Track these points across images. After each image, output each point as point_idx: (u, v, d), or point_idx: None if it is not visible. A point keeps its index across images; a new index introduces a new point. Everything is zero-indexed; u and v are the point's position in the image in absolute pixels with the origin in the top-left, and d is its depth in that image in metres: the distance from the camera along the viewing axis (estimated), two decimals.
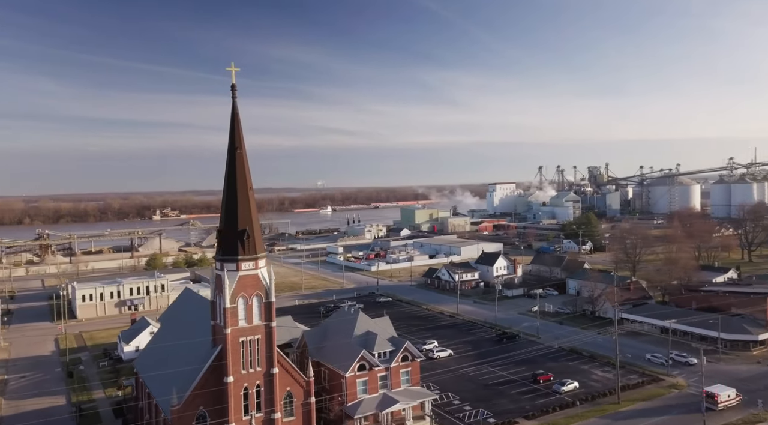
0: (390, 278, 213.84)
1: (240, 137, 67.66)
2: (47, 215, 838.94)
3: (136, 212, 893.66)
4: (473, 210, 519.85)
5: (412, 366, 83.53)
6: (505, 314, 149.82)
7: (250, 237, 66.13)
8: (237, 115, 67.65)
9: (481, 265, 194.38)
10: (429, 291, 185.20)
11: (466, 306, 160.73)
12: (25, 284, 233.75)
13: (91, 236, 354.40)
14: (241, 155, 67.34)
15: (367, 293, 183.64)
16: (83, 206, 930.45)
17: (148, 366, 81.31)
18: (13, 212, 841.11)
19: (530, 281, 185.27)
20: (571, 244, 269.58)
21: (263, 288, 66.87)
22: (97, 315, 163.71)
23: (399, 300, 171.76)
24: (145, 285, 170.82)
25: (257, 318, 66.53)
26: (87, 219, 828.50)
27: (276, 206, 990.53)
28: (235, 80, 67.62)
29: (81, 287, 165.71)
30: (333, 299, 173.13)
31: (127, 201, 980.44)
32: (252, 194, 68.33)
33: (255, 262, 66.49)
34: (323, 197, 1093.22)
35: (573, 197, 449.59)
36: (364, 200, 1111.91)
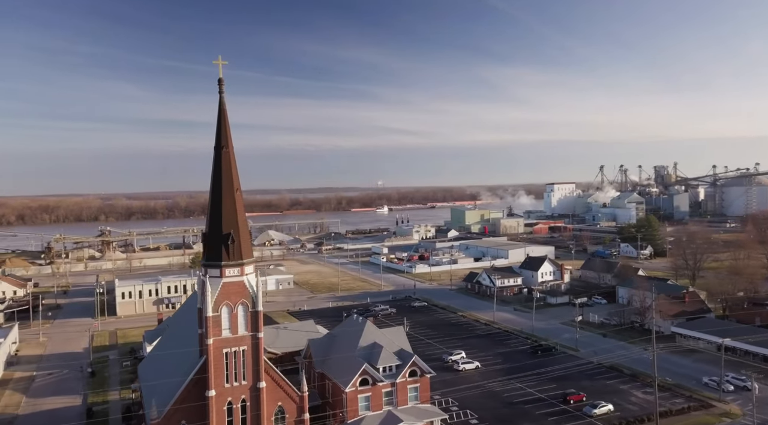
0: (430, 281, 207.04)
1: (227, 134, 63.60)
2: (120, 213, 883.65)
3: (201, 210, 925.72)
4: (529, 211, 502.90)
5: (421, 382, 77.28)
6: (546, 323, 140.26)
7: (235, 242, 61.97)
8: (224, 111, 63.63)
9: (525, 270, 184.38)
10: (468, 297, 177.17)
11: (505, 314, 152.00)
12: (82, 279, 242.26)
13: (149, 234, 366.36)
14: (228, 153, 63.30)
15: (403, 297, 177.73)
16: (153, 204, 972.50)
17: (147, 372, 79.11)
18: (90, 209, 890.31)
19: (578, 288, 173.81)
20: (630, 248, 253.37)
21: (249, 296, 62.54)
22: (136, 312, 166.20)
23: (435, 305, 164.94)
24: (182, 283, 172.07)
25: (243, 328, 62.30)
26: (156, 217, 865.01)
27: (334, 205, 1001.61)
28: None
29: (121, 285, 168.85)
30: (367, 303, 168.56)
31: (193, 199, 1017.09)
32: (239, 196, 64.14)
33: (240, 268, 62.27)
34: (380, 196, 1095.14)
35: (636, 198, 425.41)
36: (421, 199, 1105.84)
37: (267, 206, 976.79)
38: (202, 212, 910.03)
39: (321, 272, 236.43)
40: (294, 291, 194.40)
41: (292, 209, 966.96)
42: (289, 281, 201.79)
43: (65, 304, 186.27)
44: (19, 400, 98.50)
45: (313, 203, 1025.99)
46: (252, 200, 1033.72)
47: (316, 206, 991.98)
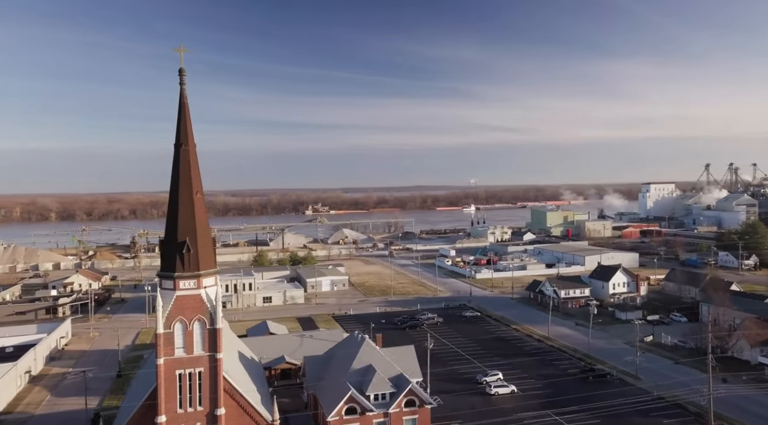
0: (492, 288, 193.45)
1: (187, 131, 57.50)
2: (218, 209, 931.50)
3: (292, 207, 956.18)
4: (621, 213, 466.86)
5: (419, 414, 67.58)
6: (608, 342, 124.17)
7: (191, 251, 55.80)
8: (185, 105, 57.61)
9: (594, 280, 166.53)
10: (528, 307, 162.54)
11: (564, 329, 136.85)
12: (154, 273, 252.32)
13: (229, 230, 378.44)
14: (187, 152, 57.20)
15: (457, 305, 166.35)
16: (247, 201, 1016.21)
17: (134, 387, 75.51)
18: None
19: (655, 302, 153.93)
20: (730, 258, 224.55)
21: (207, 312, 56.18)
22: None
23: (488, 316, 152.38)
24: (233, 283, 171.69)
25: (199, 348, 56.08)
26: (250, 213, 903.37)
27: (419, 203, 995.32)
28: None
29: None
30: (415, 309, 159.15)
31: (285, 197, 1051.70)
32: (200, 199, 57.82)
33: (197, 280, 56.05)
34: (467, 195, 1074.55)
35: (747, 200, 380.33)
36: (511, 198, 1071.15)
37: (354, 204, 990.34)
38: (292, 208, 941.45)
39: (381, 273, 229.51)
40: (347, 293, 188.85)
41: (378, 207, 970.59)
42: (344, 282, 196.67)
43: (131, 298, 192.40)
44: (43, 399, 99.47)
45: (399, 201, 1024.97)
46: (340, 198, 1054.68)
47: (401, 205, 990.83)
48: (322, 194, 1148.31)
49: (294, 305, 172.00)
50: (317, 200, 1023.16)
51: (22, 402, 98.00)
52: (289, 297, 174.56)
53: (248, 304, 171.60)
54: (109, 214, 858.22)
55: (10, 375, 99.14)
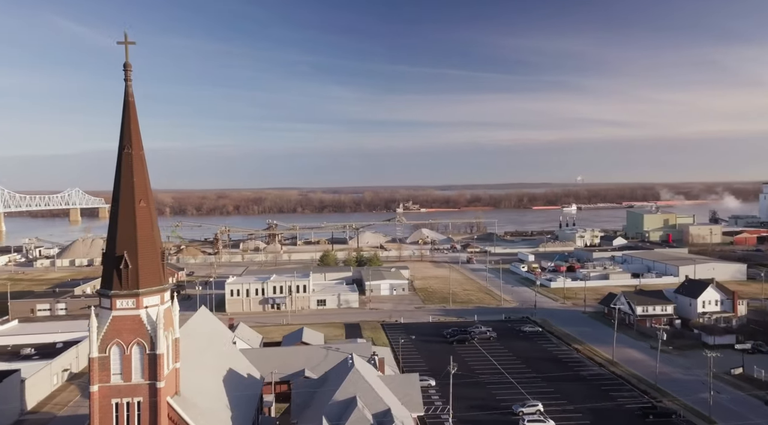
0: (564, 299, 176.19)
1: (131, 133, 51.96)
2: (314, 206, 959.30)
3: (384, 205, 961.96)
4: (737, 216, 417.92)
5: None
6: (685, 372, 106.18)
7: (130, 266, 50.28)
8: (130, 104, 52.11)
9: (681, 296, 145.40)
10: (600, 324, 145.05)
11: (634, 352, 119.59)
12: (230, 270, 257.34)
13: (311, 228, 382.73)
14: (131, 156, 51.65)
15: (519, 318, 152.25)
16: (342, 198, 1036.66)
17: None
18: (290, 202, 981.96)
19: (754, 326, 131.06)
20: None
21: (147, 335, 50.42)
22: (243, 311, 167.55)
23: (550, 332, 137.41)
24: (288, 284, 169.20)
25: (138, 375, 50.41)
26: (344, 210, 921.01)
27: (514, 202, 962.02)
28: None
29: (230, 282, 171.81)
30: (472, 321, 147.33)
31: (377, 195, 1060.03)
32: (144, 209, 52.00)
33: (137, 299, 50.37)
34: (567, 193, 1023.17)
35: None
36: (615, 197, 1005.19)
37: (445, 202, 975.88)
38: (384, 206, 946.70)
39: (448, 278, 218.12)
40: (405, 299, 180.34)
41: (471, 205, 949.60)
42: (404, 286, 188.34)
43: (197, 296, 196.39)
44: (72, 399, 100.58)
45: (493, 199, 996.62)
46: (432, 195, 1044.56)
47: (494, 203, 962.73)
48: (415, 191, 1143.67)
49: (348, 310, 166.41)
50: (409, 197, 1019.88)
51: (52, 401, 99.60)
52: (343, 301, 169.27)
53: (302, 306, 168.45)
54: (216, 209, 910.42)
55: (43, 373, 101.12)
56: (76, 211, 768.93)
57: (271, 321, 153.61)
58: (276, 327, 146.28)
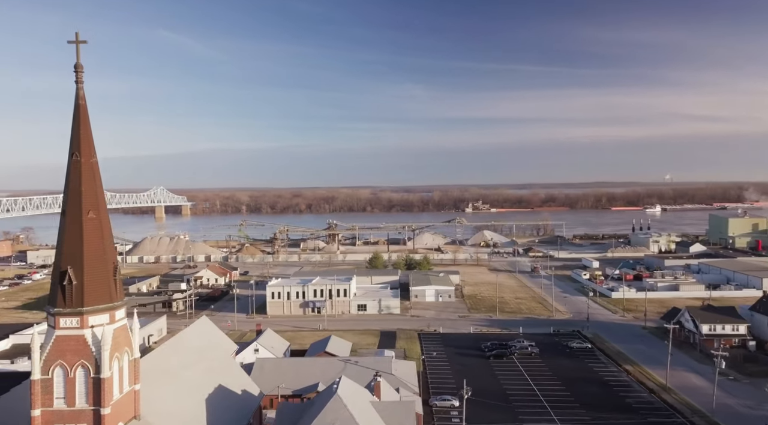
0: (624, 312, 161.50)
1: (80, 138, 48.59)
2: (383, 205, 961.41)
3: (452, 204, 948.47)
4: None
5: None
6: (754, 406, 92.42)
7: (74, 283, 47.02)
8: (81, 107, 48.85)
9: (757, 313, 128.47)
10: (659, 342, 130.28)
11: (694, 378, 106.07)
12: (285, 270, 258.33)
13: (370, 228, 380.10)
14: (79, 164, 48.35)
15: (569, 332, 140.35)
16: (410, 198, 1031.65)
17: None
18: (360, 201, 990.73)
19: None
20: None
21: (91, 357, 46.98)
22: (284, 314, 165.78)
23: (600, 349, 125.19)
24: (328, 288, 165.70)
25: (82, 400, 47.12)
26: (412, 209, 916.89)
27: (591, 202, 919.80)
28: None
29: (272, 285, 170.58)
30: (516, 333, 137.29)
31: (445, 194, 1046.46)
32: (93, 220, 48.55)
33: (81, 318, 47.08)
34: (650, 193, 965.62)
35: None
36: (705, 198, 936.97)
37: (518, 202, 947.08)
38: (453, 206, 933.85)
39: (502, 285, 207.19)
40: (450, 306, 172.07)
41: (545, 205, 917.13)
42: (450, 293, 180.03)
43: (246, 296, 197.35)
44: None
45: (568, 199, 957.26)
46: (503, 194, 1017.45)
47: (570, 203, 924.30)
48: (486, 190, 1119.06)
49: (388, 316, 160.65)
50: (479, 196, 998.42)
51: None
52: (384, 307, 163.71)
53: (342, 311, 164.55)
54: (289, 208, 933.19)
55: None
56: (161, 208, 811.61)
57: (309, 326, 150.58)
58: (311, 333, 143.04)
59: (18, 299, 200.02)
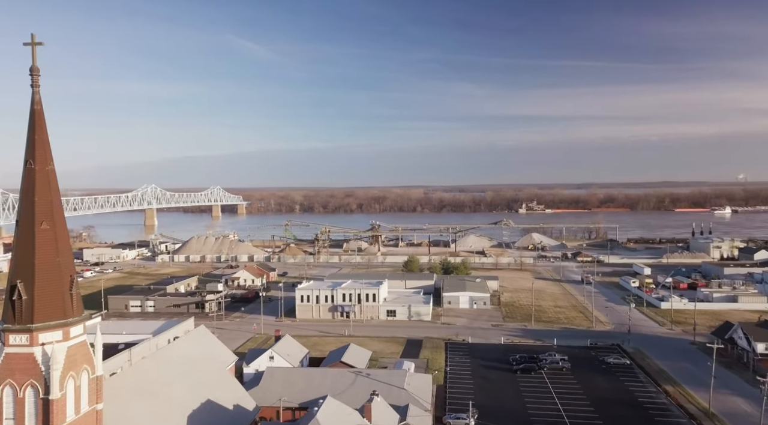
0: (672, 324, 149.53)
1: (37, 145, 46.23)
2: (434, 205, 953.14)
3: (505, 205, 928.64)
4: None
5: None
6: None
7: (23, 298, 44.74)
8: (37, 113, 46.55)
9: None
10: (707, 360, 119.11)
11: (742, 403, 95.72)
12: (324, 271, 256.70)
13: (413, 229, 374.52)
14: (33, 172, 46.05)
15: (608, 345, 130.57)
16: (461, 198, 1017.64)
17: None
18: (410, 200, 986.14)
19: None
20: None
21: (41, 377, 44.58)
22: (312, 318, 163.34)
23: (640, 366, 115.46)
24: (357, 292, 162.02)
25: (31, 421, 44.79)
26: (463, 210, 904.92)
27: (653, 203, 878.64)
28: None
29: (301, 288, 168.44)
30: (549, 345, 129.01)
31: (498, 194, 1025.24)
32: (47, 232, 46.06)
33: (30, 336, 44.74)
34: (718, 194, 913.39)
35: None
36: None
37: (574, 203, 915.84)
38: (506, 206, 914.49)
39: (544, 292, 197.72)
40: (484, 314, 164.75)
41: (603, 206, 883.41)
42: (485, 300, 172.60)
43: (279, 298, 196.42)
44: None
45: (629, 199, 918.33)
46: (559, 195, 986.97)
47: (631, 204, 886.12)
48: (541, 190, 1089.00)
49: (418, 323, 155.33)
50: (534, 197, 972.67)
51: None
52: (414, 313, 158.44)
53: (371, 316, 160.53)
54: (340, 207, 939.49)
55: None
56: (217, 207, 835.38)
57: (336, 331, 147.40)
58: (336, 339, 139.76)
59: None
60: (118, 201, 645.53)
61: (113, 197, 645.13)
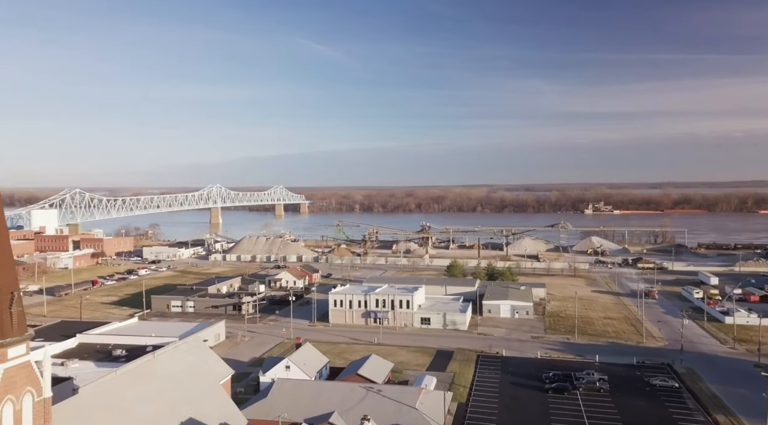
0: (736, 342, 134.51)
1: None
2: (495, 205, 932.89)
3: (571, 205, 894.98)
4: None
5: None
6: None
7: None
8: None
9: None
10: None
11: None
12: (369, 273, 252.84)
13: (465, 231, 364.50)
14: None
15: (658, 364, 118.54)
16: (525, 197, 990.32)
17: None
18: (471, 200, 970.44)
19: None
20: None
21: None
22: (345, 323, 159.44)
23: (690, 390, 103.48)
24: (390, 298, 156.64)
25: None
26: (525, 210, 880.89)
27: (734, 204, 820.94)
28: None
29: (334, 292, 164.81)
30: (590, 362, 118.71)
31: (563, 194, 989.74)
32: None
33: None
34: None
35: None
36: None
37: (645, 203, 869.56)
38: (572, 207, 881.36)
39: (594, 301, 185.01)
40: (525, 324, 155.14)
41: (678, 207, 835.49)
42: (528, 309, 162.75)
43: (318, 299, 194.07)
44: None
45: (706, 200, 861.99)
46: (629, 195, 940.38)
47: (709, 206, 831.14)
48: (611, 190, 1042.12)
49: (453, 332, 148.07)
50: (602, 197, 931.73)
51: None
52: (450, 321, 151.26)
53: (405, 323, 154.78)
54: (399, 207, 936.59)
55: None
56: (280, 206, 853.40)
57: (366, 338, 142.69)
58: (365, 347, 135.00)
59: (117, 294, 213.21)
60: (185, 200, 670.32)
61: (180, 196, 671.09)
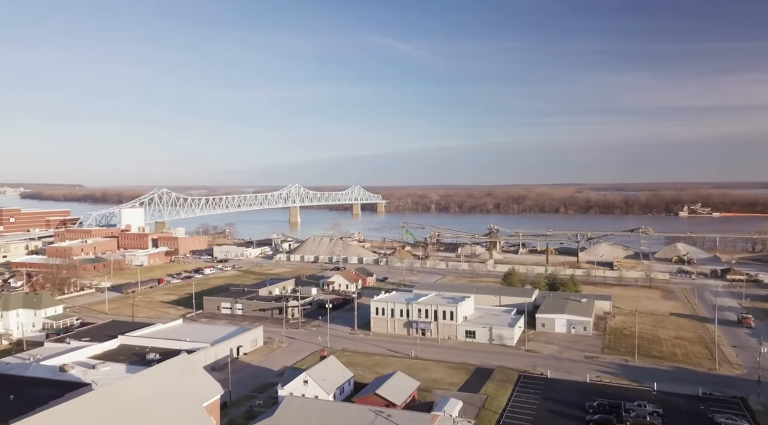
0: None
1: None
2: (579, 206, 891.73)
3: (663, 207, 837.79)
4: None
5: None
6: None
7: None
8: None
9: None
10: None
11: None
12: (426, 277, 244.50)
13: (536, 235, 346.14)
14: None
15: (728, 397, 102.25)
16: (612, 198, 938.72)
17: None
18: (553, 200, 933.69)
19: None
20: None
21: None
22: (387, 331, 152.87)
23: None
24: (434, 309, 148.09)
25: None
26: (612, 211, 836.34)
27: None
28: None
29: (376, 300, 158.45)
30: (648, 389, 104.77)
31: (655, 194, 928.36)
32: None
33: None
34: None
35: None
36: None
37: (748, 205, 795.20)
38: (664, 208, 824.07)
39: (666, 317, 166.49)
40: (581, 341, 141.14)
41: None
42: (585, 325, 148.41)
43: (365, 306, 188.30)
44: None
45: None
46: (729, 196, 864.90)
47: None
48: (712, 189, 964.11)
49: (498, 348, 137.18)
50: (699, 198, 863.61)
51: None
52: (496, 335, 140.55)
53: (448, 336, 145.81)
54: (476, 207, 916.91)
55: None
56: (357, 206, 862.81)
57: (404, 350, 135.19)
58: (400, 360, 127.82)
59: (178, 293, 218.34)
60: (265, 199, 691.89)
61: (260, 195, 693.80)
